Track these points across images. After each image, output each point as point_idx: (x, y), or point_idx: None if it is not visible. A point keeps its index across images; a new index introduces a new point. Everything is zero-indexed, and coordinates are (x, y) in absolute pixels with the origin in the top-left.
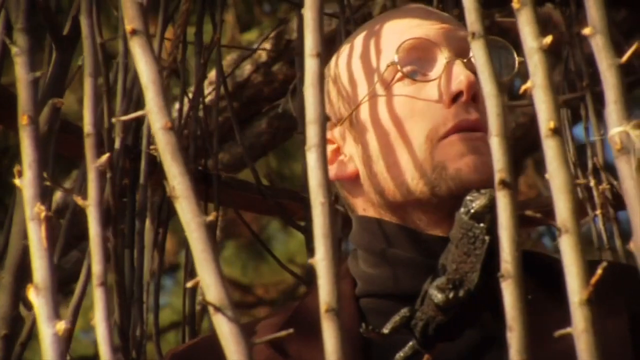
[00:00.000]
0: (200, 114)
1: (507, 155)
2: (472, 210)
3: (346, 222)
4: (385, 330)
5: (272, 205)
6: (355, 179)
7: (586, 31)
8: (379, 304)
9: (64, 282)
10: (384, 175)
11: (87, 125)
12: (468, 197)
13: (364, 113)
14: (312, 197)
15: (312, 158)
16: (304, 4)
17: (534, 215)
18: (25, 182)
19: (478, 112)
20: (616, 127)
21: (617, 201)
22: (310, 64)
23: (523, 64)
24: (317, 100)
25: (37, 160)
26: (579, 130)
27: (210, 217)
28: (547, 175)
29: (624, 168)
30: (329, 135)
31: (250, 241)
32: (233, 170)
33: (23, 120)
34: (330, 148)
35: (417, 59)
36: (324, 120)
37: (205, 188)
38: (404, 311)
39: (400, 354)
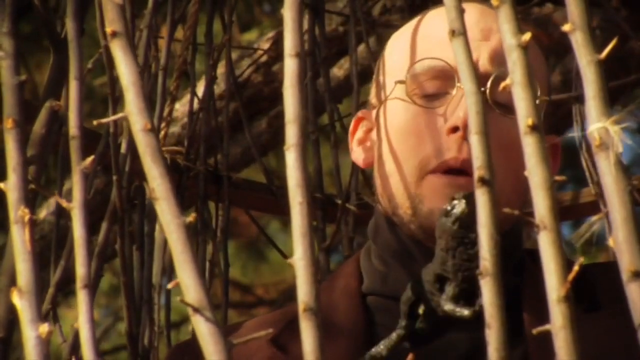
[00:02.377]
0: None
1: (487, 153)
2: (458, 219)
3: (357, 221)
4: (384, 352)
5: (283, 205)
6: (370, 168)
7: (566, 27)
8: (386, 303)
9: (65, 282)
10: (384, 180)
11: (72, 128)
12: (447, 207)
13: (383, 113)
14: (290, 197)
15: (290, 158)
16: (284, 4)
17: (512, 212)
18: (10, 185)
19: None
20: (595, 123)
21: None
22: (290, 64)
23: None
24: (297, 100)
25: (21, 164)
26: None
27: (190, 219)
28: (525, 172)
29: (603, 164)
30: (365, 114)
31: (251, 241)
32: (233, 170)
33: (8, 123)
34: (365, 126)
35: (440, 76)
36: (303, 120)
37: (216, 189)
38: (400, 330)
39: (381, 346)
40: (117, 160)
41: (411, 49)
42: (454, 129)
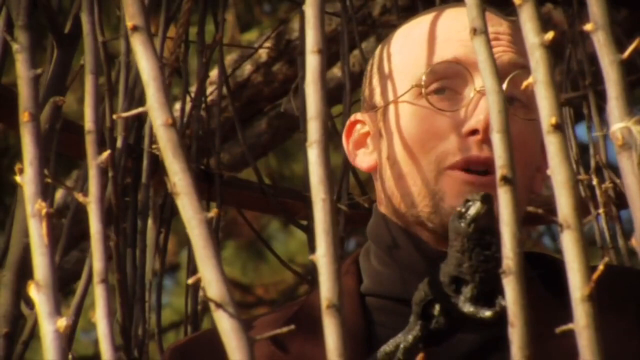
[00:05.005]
0: (202, 113)
1: (509, 152)
2: (473, 220)
3: (348, 220)
4: (401, 356)
5: (274, 204)
6: (373, 171)
7: (588, 27)
8: (385, 304)
9: (65, 282)
10: (394, 182)
11: (88, 123)
12: (461, 209)
13: (392, 113)
14: (313, 194)
15: (313, 154)
16: (305, 1)
17: (536, 211)
18: (26, 179)
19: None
20: (618, 123)
21: (620, 200)
22: (311, 61)
23: None
24: (319, 96)
25: (38, 157)
26: (582, 128)
27: (212, 214)
28: (548, 171)
29: (626, 164)
30: (360, 116)
31: (250, 241)
32: (233, 170)
33: (24, 117)
34: (362, 130)
35: (453, 75)
36: (325, 116)
37: (207, 187)
38: (416, 331)
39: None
40: (113, 156)
41: (421, 51)
42: (473, 132)
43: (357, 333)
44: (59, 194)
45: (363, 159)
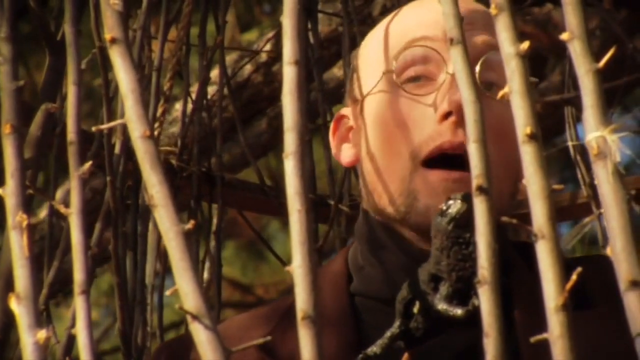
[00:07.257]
0: (204, 114)
1: (485, 161)
2: (453, 219)
3: (350, 222)
4: (378, 351)
5: (276, 206)
6: (358, 166)
7: (564, 36)
8: (374, 304)
9: (63, 282)
10: (372, 177)
11: (71, 133)
12: (443, 207)
13: (369, 107)
14: (289, 205)
15: (289, 165)
16: (283, 11)
17: (510, 221)
18: (8, 190)
19: None
20: (593, 132)
21: None
22: (288, 72)
23: None
24: (295, 107)
25: (19, 169)
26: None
27: (189, 226)
28: (524, 181)
29: (601, 173)
30: (346, 111)
31: (250, 241)
32: (232, 171)
33: (6, 129)
34: (347, 124)
35: (425, 61)
36: (302, 128)
37: (209, 189)
38: (394, 329)
39: (374, 348)
40: (111, 161)
41: (391, 38)
42: (447, 115)
43: (347, 333)
44: (60, 195)
45: (344, 154)
